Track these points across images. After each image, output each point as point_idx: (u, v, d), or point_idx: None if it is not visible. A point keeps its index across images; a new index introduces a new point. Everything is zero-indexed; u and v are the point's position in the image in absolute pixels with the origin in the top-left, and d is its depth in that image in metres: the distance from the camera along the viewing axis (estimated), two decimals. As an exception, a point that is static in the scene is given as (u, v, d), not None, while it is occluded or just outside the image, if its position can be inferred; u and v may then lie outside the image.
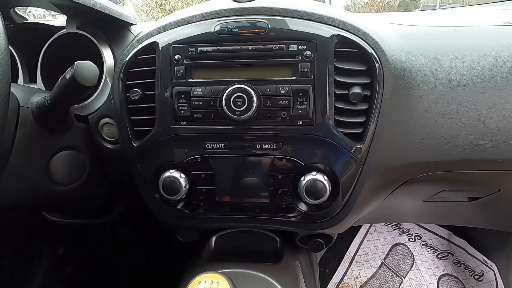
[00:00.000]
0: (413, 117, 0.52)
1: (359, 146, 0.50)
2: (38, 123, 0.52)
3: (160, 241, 1.03)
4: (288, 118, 0.50)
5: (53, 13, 0.69)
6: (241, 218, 0.56)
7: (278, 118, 0.50)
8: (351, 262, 1.21)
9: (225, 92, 0.49)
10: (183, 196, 0.53)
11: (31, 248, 0.89)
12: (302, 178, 0.51)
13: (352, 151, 0.50)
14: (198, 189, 0.54)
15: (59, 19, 0.74)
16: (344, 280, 1.16)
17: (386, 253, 1.22)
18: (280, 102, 0.49)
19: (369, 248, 1.24)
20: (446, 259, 1.17)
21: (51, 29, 0.65)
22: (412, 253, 1.21)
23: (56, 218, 0.78)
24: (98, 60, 0.61)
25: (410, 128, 0.52)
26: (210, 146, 0.52)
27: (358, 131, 0.50)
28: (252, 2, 0.51)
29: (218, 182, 0.53)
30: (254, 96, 0.48)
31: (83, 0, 0.54)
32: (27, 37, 0.68)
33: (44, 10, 0.76)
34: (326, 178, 0.50)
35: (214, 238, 0.68)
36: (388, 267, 1.17)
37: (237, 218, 0.56)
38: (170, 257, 1.09)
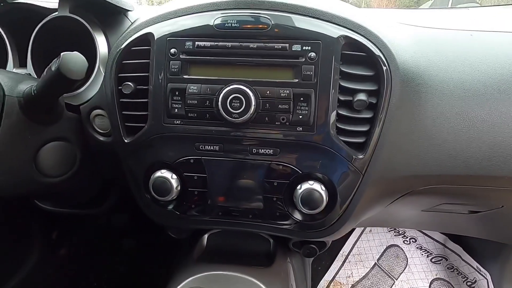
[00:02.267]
0: (419, 128, 0.50)
1: (360, 156, 0.48)
2: (25, 114, 0.49)
3: (154, 231, 1.03)
4: (287, 123, 0.47)
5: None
6: (233, 223, 0.55)
7: (276, 123, 0.47)
8: (344, 261, 1.20)
9: (222, 92, 0.46)
10: (174, 198, 0.52)
11: (23, 233, 0.89)
12: (298, 187, 0.49)
13: (352, 161, 0.48)
14: (189, 191, 0.52)
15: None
16: (336, 278, 1.16)
17: (380, 254, 1.21)
18: (279, 106, 0.47)
19: (363, 248, 1.24)
20: (440, 263, 1.17)
21: (43, 11, 0.61)
22: (406, 255, 1.20)
23: (48, 207, 0.77)
24: (92, 47, 0.58)
25: (415, 139, 0.50)
26: (204, 147, 0.50)
27: (360, 140, 0.48)
28: None
29: (211, 185, 0.51)
30: (253, 98, 0.46)
31: None
32: (18, 18, 0.65)
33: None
34: (324, 188, 0.48)
35: (206, 236, 0.67)
36: (380, 268, 1.17)
37: (229, 222, 0.55)
38: (163, 248, 1.09)
